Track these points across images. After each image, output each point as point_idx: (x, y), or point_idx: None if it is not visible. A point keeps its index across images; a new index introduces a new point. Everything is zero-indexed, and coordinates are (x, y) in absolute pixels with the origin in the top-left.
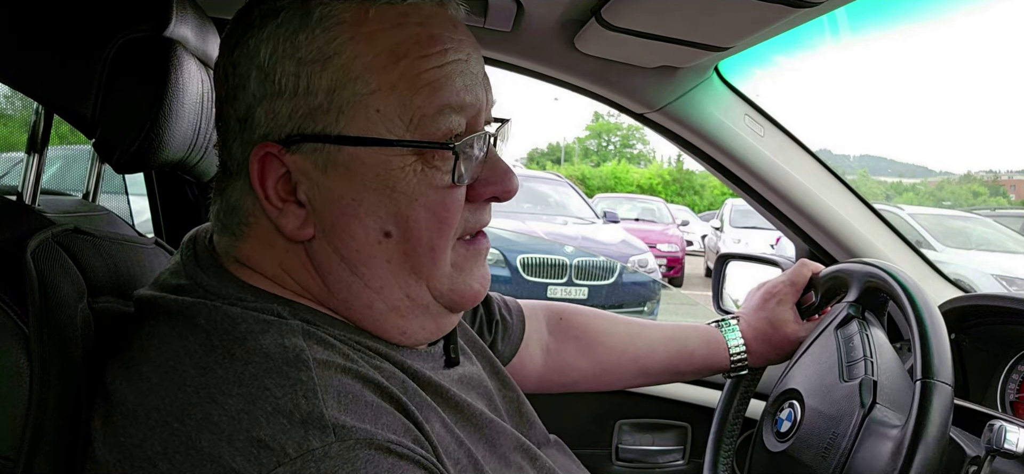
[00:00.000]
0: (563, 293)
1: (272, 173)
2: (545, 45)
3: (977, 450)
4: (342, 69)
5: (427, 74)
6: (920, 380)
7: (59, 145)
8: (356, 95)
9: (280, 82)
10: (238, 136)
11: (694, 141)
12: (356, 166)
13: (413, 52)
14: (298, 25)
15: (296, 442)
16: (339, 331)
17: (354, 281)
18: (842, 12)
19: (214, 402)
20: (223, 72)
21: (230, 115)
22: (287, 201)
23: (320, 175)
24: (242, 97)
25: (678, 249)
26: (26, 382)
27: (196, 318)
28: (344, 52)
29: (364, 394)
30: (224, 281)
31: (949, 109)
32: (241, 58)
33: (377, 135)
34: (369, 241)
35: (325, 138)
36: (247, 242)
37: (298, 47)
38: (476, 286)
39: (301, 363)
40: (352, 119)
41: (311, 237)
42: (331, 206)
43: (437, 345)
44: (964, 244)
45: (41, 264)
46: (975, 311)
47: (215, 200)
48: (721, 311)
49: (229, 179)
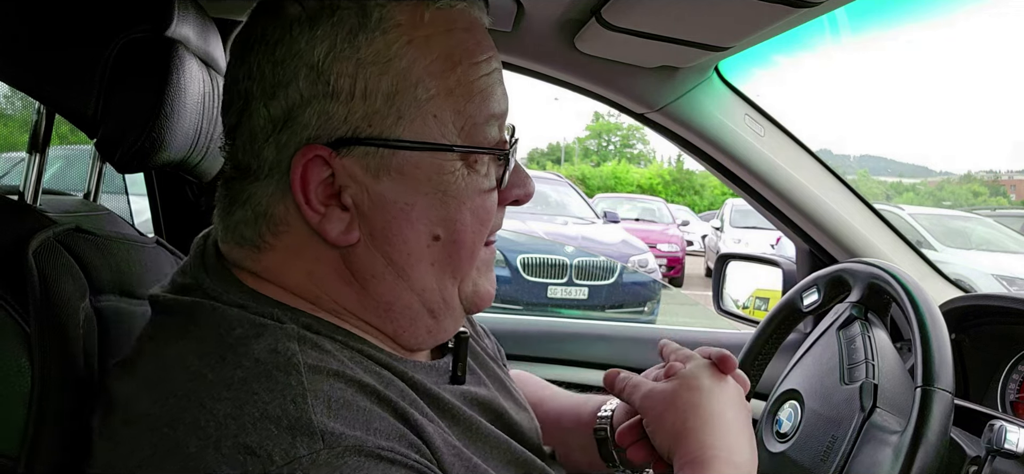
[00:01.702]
0: (563, 293)
1: (315, 177)
2: (545, 45)
3: (977, 450)
4: (402, 73)
5: (479, 82)
6: (920, 387)
7: (60, 145)
8: (416, 100)
9: (336, 83)
10: (271, 137)
11: (694, 141)
12: (410, 170)
13: (466, 59)
14: (356, 25)
15: (283, 449)
16: (341, 337)
17: (399, 284)
18: (842, 12)
19: (202, 407)
20: (257, 69)
21: (260, 115)
22: (329, 205)
23: (370, 179)
24: (283, 97)
25: (678, 249)
26: (28, 381)
27: (194, 319)
28: (404, 55)
29: (356, 399)
30: (227, 284)
31: (949, 109)
32: (286, 56)
33: (434, 140)
34: (420, 244)
35: (382, 143)
36: (269, 254)
37: (358, 49)
38: (491, 288)
39: (291, 368)
40: (411, 124)
41: (355, 242)
42: (381, 210)
43: (445, 359)
44: (964, 244)
45: (43, 263)
46: (975, 311)
47: (231, 209)
48: (721, 311)
49: (253, 184)
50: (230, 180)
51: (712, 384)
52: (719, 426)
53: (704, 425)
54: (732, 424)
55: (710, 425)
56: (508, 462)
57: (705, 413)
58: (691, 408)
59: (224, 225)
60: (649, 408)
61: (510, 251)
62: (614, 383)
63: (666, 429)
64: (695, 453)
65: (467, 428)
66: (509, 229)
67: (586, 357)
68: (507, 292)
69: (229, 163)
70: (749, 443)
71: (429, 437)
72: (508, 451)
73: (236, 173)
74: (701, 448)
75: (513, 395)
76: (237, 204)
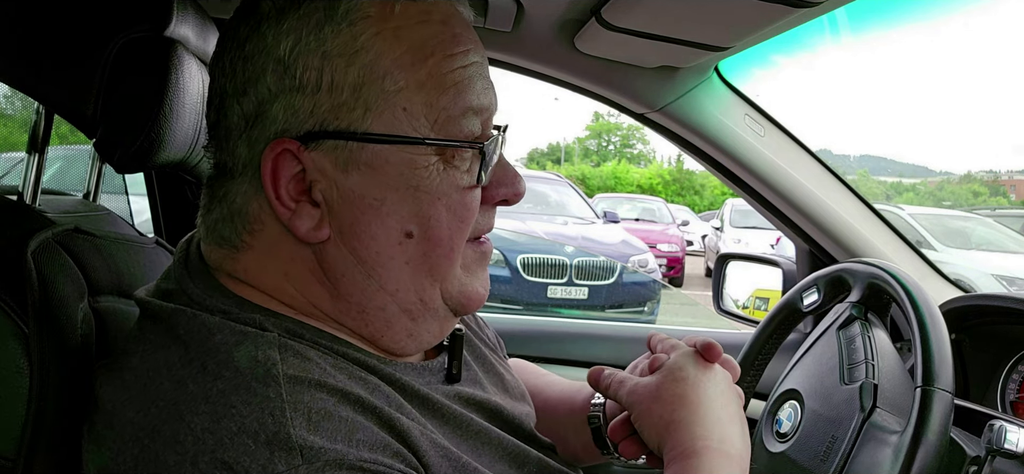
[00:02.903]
0: (563, 293)
1: (285, 172)
2: (545, 45)
3: (977, 450)
4: (369, 65)
5: (453, 74)
6: (920, 387)
7: (59, 145)
8: (384, 92)
9: (302, 76)
10: (244, 134)
11: (694, 141)
12: (379, 164)
13: (439, 51)
14: (322, 18)
15: (260, 464)
16: (326, 342)
17: (369, 283)
18: (842, 12)
19: (181, 420)
20: (230, 67)
21: (234, 112)
22: (300, 201)
23: (339, 174)
24: (253, 93)
25: (678, 249)
26: (26, 382)
27: (176, 327)
28: (372, 48)
29: (338, 410)
30: (210, 289)
31: (949, 109)
32: (255, 51)
33: (404, 133)
34: (390, 241)
35: (349, 136)
36: (247, 254)
37: (323, 41)
38: (482, 289)
39: (271, 379)
40: (379, 117)
41: (326, 239)
42: (350, 206)
43: (439, 358)
44: (964, 244)
45: (41, 264)
46: (975, 311)
47: (211, 207)
48: (721, 311)
49: (229, 182)
50: (211, 180)
51: (698, 373)
52: (708, 415)
53: (692, 415)
54: (721, 413)
55: (698, 415)
56: (501, 457)
57: (692, 403)
58: (677, 399)
59: (205, 225)
60: (635, 403)
61: (510, 251)
62: (599, 381)
63: (654, 423)
64: (686, 444)
65: (457, 427)
66: (509, 229)
67: (586, 357)
68: (507, 292)
69: (211, 162)
70: (741, 432)
71: (415, 442)
72: (501, 446)
73: (216, 172)
74: (691, 439)
75: (510, 388)
76: (215, 202)
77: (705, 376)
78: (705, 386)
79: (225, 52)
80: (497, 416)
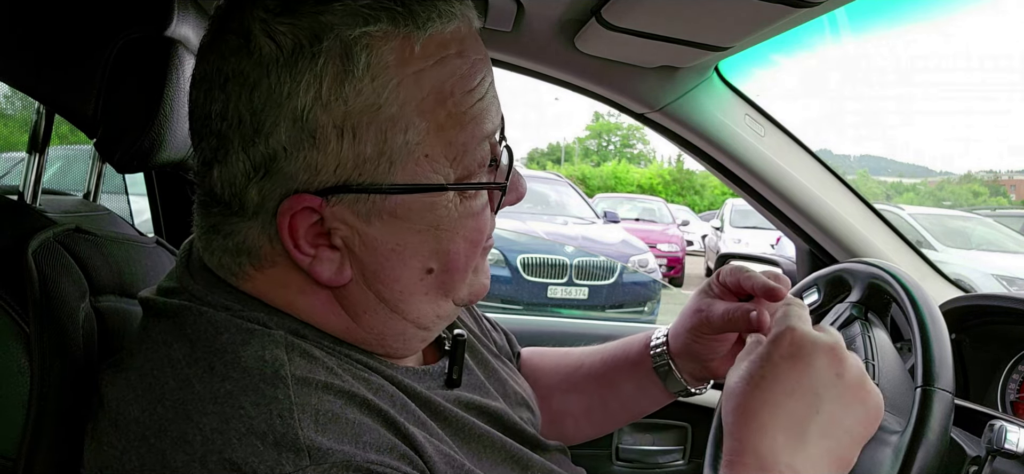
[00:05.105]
0: (563, 293)
1: (303, 222)
2: (545, 45)
3: (977, 450)
4: (392, 119)
5: (471, 110)
6: (920, 387)
7: (59, 145)
8: (407, 145)
9: (321, 134)
10: (253, 181)
11: (694, 141)
12: (402, 213)
13: (458, 88)
14: (341, 71)
15: (268, 465)
16: (330, 342)
17: (392, 317)
18: (842, 12)
19: (189, 420)
20: (234, 112)
21: (240, 160)
22: (319, 246)
23: (361, 223)
24: (263, 145)
25: (678, 249)
26: (27, 382)
27: (182, 323)
28: (395, 100)
29: (345, 411)
30: (213, 287)
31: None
32: (268, 103)
33: (427, 181)
34: (412, 280)
35: (375, 189)
36: (252, 282)
37: (345, 98)
38: (486, 281)
39: (278, 379)
40: (403, 168)
41: (347, 282)
42: (373, 253)
43: (440, 363)
44: (964, 244)
45: (42, 263)
46: (975, 311)
47: (211, 236)
48: None
49: (238, 221)
50: (206, 205)
51: (830, 377)
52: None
53: (775, 421)
54: (828, 433)
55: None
56: (503, 461)
57: (813, 414)
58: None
59: (204, 245)
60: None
61: (510, 251)
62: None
63: (741, 408)
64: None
65: (459, 431)
66: (509, 229)
67: None
68: (507, 292)
69: (202, 190)
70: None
71: (420, 445)
72: (503, 450)
73: (212, 202)
74: (757, 454)
75: (513, 392)
76: (218, 234)
77: (837, 383)
78: (833, 399)
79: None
80: (499, 421)
